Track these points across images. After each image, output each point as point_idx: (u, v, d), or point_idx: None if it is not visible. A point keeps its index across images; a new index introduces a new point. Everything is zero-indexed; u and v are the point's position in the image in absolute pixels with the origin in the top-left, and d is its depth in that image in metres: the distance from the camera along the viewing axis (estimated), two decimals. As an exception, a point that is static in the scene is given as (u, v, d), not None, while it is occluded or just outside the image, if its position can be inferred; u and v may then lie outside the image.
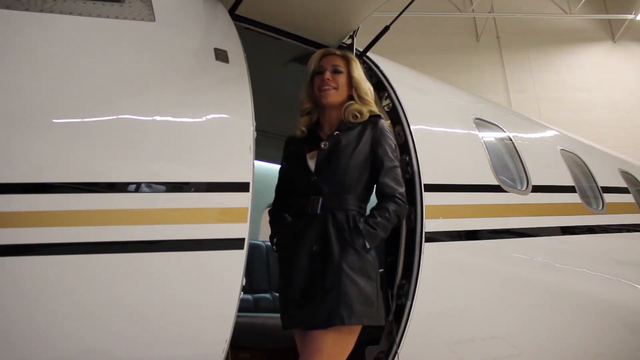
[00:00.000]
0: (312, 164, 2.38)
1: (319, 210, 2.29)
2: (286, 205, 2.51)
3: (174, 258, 2.09)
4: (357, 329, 2.25)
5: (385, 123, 2.49)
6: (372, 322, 2.24)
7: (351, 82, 2.48)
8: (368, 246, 2.25)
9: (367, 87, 2.52)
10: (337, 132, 2.42)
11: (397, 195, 2.35)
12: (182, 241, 2.10)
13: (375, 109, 2.51)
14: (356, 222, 2.26)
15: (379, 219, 2.28)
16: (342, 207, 2.30)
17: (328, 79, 2.45)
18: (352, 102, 2.47)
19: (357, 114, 2.43)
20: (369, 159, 2.38)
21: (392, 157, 2.41)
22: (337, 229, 2.26)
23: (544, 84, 13.07)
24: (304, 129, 2.51)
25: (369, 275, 2.25)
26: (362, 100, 2.48)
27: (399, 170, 2.43)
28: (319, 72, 2.49)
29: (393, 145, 2.45)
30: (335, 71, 2.47)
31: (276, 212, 2.57)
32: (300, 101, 2.56)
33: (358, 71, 2.52)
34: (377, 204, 2.36)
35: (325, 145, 2.39)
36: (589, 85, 13.22)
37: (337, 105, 2.46)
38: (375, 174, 2.37)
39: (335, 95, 2.45)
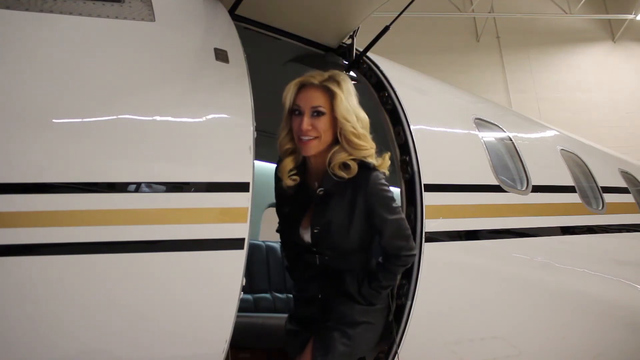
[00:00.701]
0: (307, 237, 2.25)
1: (325, 268, 2.27)
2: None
3: (174, 258, 2.09)
4: None
5: (378, 174, 2.19)
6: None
7: (336, 124, 2.15)
8: (374, 303, 2.28)
9: (353, 122, 2.14)
10: (321, 190, 2.20)
11: (402, 253, 2.23)
12: (182, 241, 2.09)
13: (366, 151, 2.18)
14: (360, 287, 2.24)
15: (383, 282, 2.25)
16: (348, 266, 2.27)
17: (307, 130, 2.12)
18: (336, 149, 2.16)
19: (343, 168, 2.15)
20: (367, 225, 2.21)
21: (391, 217, 2.18)
22: (342, 290, 2.26)
23: (544, 84, 13.09)
24: (296, 177, 2.24)
25: (373, 317, 2.31)
26: (350, 144, 2.14)
27: (401, 223, 2.23)
28: (297, 111, 2.18)
29: (390, 201, 2.19)
30: (316, 113, 2.14)
31: (291, 252, 2.40)
32: (279, 141, 2.28)
33: (344, 105, 2.13)
34: (383, 264, 2.26)
35: (316, 230, 2.19)
36: (589, 85, 13.24)
37: (322, 152, 2.19)
38: (379, 236, 2.24)
39: (317, 145, 2.15)
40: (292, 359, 2.31)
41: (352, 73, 3.20)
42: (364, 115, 2.21)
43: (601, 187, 4.32)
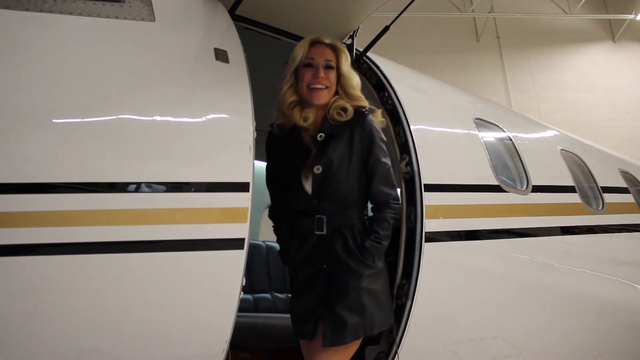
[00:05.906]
0: (308, 186, 2.31)
1: (324, 230, 2.30)
2: (286, 215, 2.46)
3: (174, 258, 2.09)
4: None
5: (373, 117, 2.36)
6: (385, 326, 2.37)
7: (340, 78, 2.34)
8: (376, 260, 2.29)
9: (355, 82, 2.37)
10: (321, 135, 2.31)
11: (391, 201, 2.34)
12: (182, 241, 2.10)
13: (362, 102, 2.36)
14: (363, 242, 2.27)
15: (381, 232, 2.29)
16: (347, 224, 2.31)
17: (322, 77, 2.29)
18: (337, 97, 2.33)
19: (342, 112, 2.30)
20: (364, 167, 2.33)
21: (384, 160, 2.34)
22: (345, 248, 2.28)
23: (544, 84, 13.09)
24: (282, 125, 2.38)
25: (380, 281, 2.32)
26: (348, 95, 2.34)
27: (390, 171, 2.38)
28: (309, 64, 2.32)
29: (383, 145, 2.36)
30: (328, 67, 2.32)
31: (279, 221, 2.49)
32: (282, 93, 2.36)
33: (347, 64, 2.36)
34: (374, 215, 2.35)
35: (318, 170, 2.28)
36: (589, 85, 13.23)
37: (326, 104, 2.34)
38: (369, 180, 2.34)
39: (327, 95, 2.32)
40: (333, 344, 2.22)
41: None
42: (358, 78, 2.41)
43: (601, 187, 4.31)
